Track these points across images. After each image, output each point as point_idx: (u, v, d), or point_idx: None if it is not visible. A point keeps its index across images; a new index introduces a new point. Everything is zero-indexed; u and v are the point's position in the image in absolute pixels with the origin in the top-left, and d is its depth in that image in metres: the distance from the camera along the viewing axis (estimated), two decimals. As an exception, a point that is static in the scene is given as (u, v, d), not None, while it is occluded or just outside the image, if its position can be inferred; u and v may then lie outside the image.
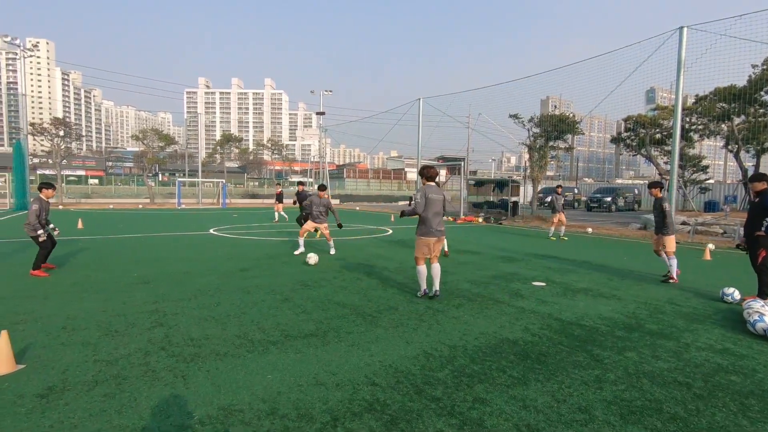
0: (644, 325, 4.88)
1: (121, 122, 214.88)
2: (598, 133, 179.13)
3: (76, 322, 4.61)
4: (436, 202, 5.63)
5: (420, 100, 26.64)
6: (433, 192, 5.66)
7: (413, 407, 2.93)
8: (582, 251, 11.16)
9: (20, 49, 27.53)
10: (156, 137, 38.60)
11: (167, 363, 3.58)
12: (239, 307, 5.29)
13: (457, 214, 23.19)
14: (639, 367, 3.69)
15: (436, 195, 5.66)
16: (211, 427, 2.64)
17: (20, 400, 2.93)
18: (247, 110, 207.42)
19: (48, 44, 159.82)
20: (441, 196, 5.72)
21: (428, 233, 5.64)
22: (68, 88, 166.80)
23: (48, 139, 32.88)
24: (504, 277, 7.46)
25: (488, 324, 4.82)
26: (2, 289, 6.06)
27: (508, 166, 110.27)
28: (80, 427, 2.61)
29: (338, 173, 67.10)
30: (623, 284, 7.11)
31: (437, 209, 5.65)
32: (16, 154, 25.24)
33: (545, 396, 3.12)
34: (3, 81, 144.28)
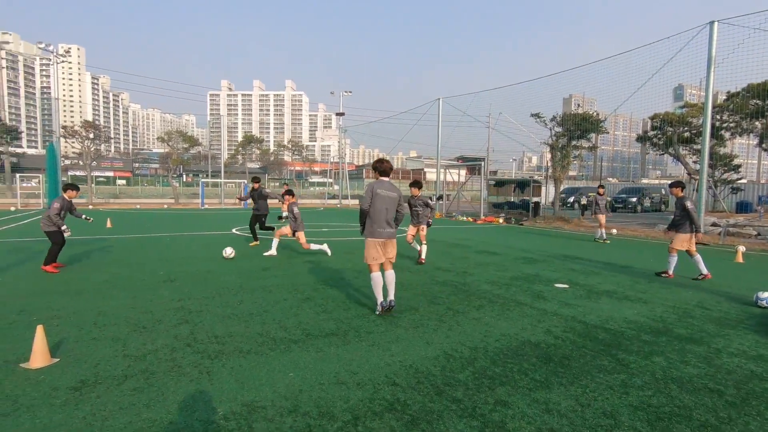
0: (672, 330, 4.74)
1: (147, 124, 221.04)
2: (623, 131, 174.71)
3: (106, 318, 4.77)
4: (386, 199, 5.02)
5: (440, 100, 26.53)
6: (384, 188, 5.06)
7: (434, 408, 2.92)
8: (606, 253, 10.91)
9: (53, 55, 28.64)
10: (180, 139, 39.54)
11: (193, 359, 3.67)
12: (261, 306, 5.38)
13: (478, 215, 22.97)
14: (667, 372, 3.59)
15: (385, 191, 5.05)
16: (235, 423, 2.69)
17: (55, 392, 3.05)
18: (268, 112, 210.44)
19: (79, 50, 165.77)
20: (393, 194, 5.10)
21: (375, 233, 5.02)
22: (98, 92, 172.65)
23: (79, 142, 34.09)
24: (525, 279, 7.36)
25: (509, 326, 4.76)
26: (37, 284, 6.32)
27: (530, 166, 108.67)
28: (111, 420, 2.70)
29: (357, 173, 67.40)
30: (650, 287, 6.92)
31: (386, 207, 5.03)
32: (49, 156, 26.24)
33: (569, 400, 3.07)
34: (37, 86, 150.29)
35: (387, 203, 5.04)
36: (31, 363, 3.46)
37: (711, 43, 13.54)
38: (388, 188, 5.08)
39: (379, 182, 5.10)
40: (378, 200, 5.00)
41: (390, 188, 5.10)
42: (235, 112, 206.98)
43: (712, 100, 14.39)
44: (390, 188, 5.10)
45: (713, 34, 13.50)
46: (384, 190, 5.04)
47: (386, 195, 5.04)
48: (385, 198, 5.03)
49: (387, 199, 5.04)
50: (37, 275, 7.01)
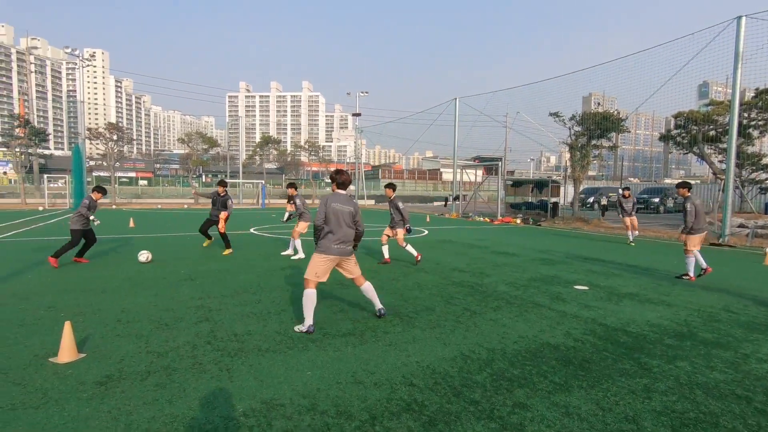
0: (697, 334, 4.61)
1: (168, 126, 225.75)
2: (644, 130, 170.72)
3: (129, 315, 4.89)
4: (340, 214, 4.68)
5: (456, 99, 26.38)
6: (339, 201, 4.70)
7: (451, 409, 2.91)
8: (627, 254, 10.68)
9: (79, 59, 29.53)
10: (200, 140, 40.30)
11: (213, 356, 3.74)
12: (279, 305, 5.44)
13: (494, 215, 22.76)
14: (692, 377, 3.50)
15: (340, 205, 4.69)
16: (255, 420, 2.73)
17: (82, 386, 3.15)
18: (285, 113, 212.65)
19: (103, 54, 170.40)
20: (349, 207, 4.75)
21: (324, 248, 4.65)
22: (121, 94, 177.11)
23: (103, 143, 35.06)
24: (544, 280, 7.26)
25: (528, 328, 4.71)
26: (65, 282, 6.52)
27: (548, 165, 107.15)
28: (135, 415, 2.77)
29: (373, 174, 67.52)
30: (673, 290, 6.75)
31: (340, 222, 4.67)
32: (75, 158, 27.05)
33: (589, 404, 3.01)
34: (64, 89, 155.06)
35: (341, 218, 4.68)
36: (59, 358, 3.58)
37: (738, 38, 13.12)
38: (343, 202, 4.73)
39: (335, 195, 4.77)
40: (333, 215, 4.67)
41: (345, 202, 4.75)
42: (253, 114, 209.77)
43: (740, 97, 13.93)
44: (345, 202, 4.75)
45: (741, 29, 13.08)
46: (339, 204, 4.69)
47: (340, 209, 4.70)
48: (339, 212, 4.68)
49: (341, 213, 4.69)
50: (63, 273, 7.23)
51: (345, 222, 4.70)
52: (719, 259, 10.20)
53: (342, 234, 4.70)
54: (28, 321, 4.63)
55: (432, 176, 69.80)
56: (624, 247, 12.16)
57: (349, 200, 4.80)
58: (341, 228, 4.68)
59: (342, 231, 4.69)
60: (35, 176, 43.77)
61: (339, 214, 4.68)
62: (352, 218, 4.79)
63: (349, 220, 4.73)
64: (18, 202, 30.28)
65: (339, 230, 4.68)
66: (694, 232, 7.55)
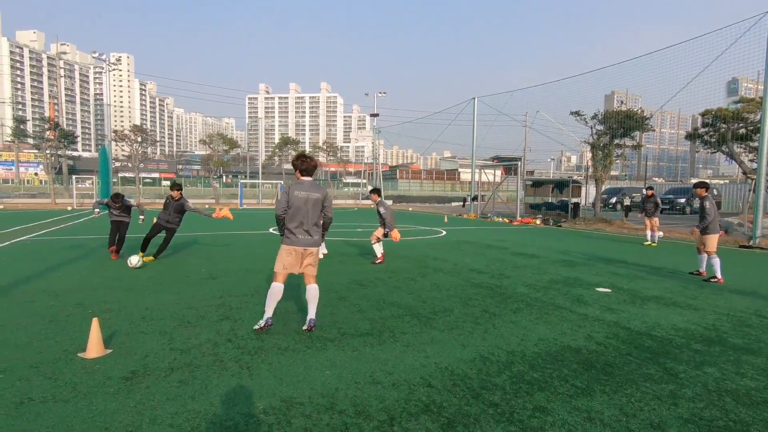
0: (726, 339, 4.46)
1: (189, 128, 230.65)
2: (670, 129, 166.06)
3: (153, 313, 5.02)
4: (305, 201, 4.35)
5: (475, 99, 26.17)
6: (303, 189, 4.38)
7: (470, 411, 2.89)
8: (652, 256, 10.40)
9: (105, 63, 30.43)
10: (221, 141, 41.03)
11: (234, 354, 3.80)
12: (298, 304, 5.49)
13: (514, 216, 22.48)
14: (721, 384, 3.38)
15: (304, 192, 4.36)
16: (274, 418, 2.77)
17: (109, 381, 3.24)
18: (304, 113, 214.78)
19: (128, 58, 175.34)
20: (316, 194, 4.39)
21: (290, 239, 4.38)
22: (145, 97, 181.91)
23: (128, 145, 36.04)
24: (565, 282, 7.14)
25: (548, 330, 4.63)
26: (93, 280, 6.73)
27: (568, 165, 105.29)
28: (159, 409, 2.84)
29: (391, 174, 67.53)
30: (701, 293, 6.54)
31: (306, 209, 4.36)
32: (102, 159, 27.89)
33: (612, 409, 2.95)
34: (91, 93, 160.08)
35: (308, 205, 4.37)
36: (88, 353, 3.70)
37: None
38: (308, 189, 4.39)
39: (298, 183, 4.44)
40: (296, 203, 4.35)
41: (311, 188, 4.41)
42: (272, 115, 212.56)
43: (772, 93, 13.39)
44: (311, 188, 4.41)
45: (773, 23, 12.59)
46: (303, 191, 4.36)
47: (306, 196, 4.36)
48: (304, 200, 4.36)
49: (308, 200, 4.36)
50: (91, 271, 7.47)
51: (311, 210, 4.38)
52: (750, 261, 9.84)
53: (308, 223, 4.38)
54: (59, 317, 4.79)
55: (450, 176, 69.42)
56: (648, 249, 11.85)
57: (315, 187, 4.47)
58: (307, 217, 4.37)
59: (308, 220, 4.38)
60: (64, 177, 45.32)
61: (304, 201, 4.36)
62: (320, 205, 4.46)
63: (315, 207, 4.41)
64: (48, 202, 31.40)
65: (305, 219, 4.37)
66: (712, 232, 7.47)
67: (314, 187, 4.46)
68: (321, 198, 4.46)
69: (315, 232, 4.46)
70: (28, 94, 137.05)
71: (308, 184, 4.46)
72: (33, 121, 57.45)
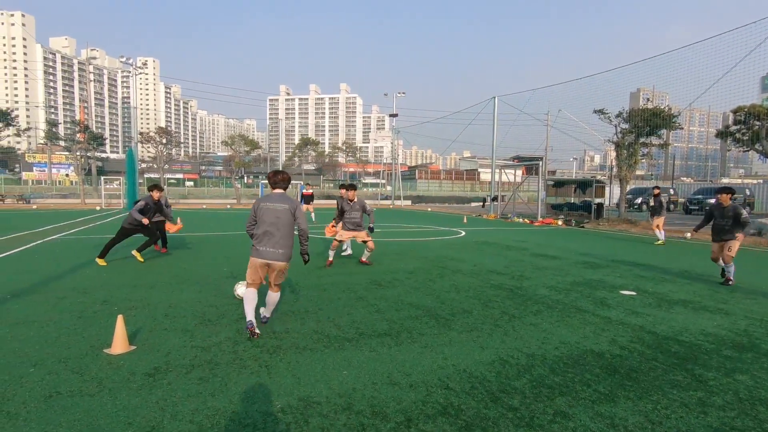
0: (760, 345, 4.27)
1: (212, 129, 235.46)
2: (698, 127, 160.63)
3: (176, 311, 5.13)
4: (273, 213, 4.28)
5: (495, 98, 25.87)
6: (271, 201, 4.33)
7: (489, 415, 2.84)
8: (680, 259, 10.07)
9: (132, 67, 31.35)
10: (242, 143, 41.75)
11: (253, 353, 3.85)
12: (316, 304, 5.53)
13: (535, 216, 22.13)
14: (753, 392, 3.24)
15: (272, 204, 4.31)
16: (292, 417, 2.78)
17: (132, 377, 3.33)
18: (324, 115, 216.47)
19: (154, 62, 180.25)
20: (284, 205, 4.31)
21: (256, 252, 4.32)
22: (170, 100, 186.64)
23: (153, 146, 37.05)
24: (587, 284, 6.97)
25: (570, 333, 4.53)
26: (119, 278, 6.93)
27: (591, 165, 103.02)
28: (180, 406, 2.89)
29: (410, 174, 67.39)
30: (732, 297, 6.29)
31: (273, 221, 4.27)
32: (129, 160, 28.72)
33: (637, 416, 2.86)
34: (119, 96, 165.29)
35: (276, 216, 4.29)
36: (113, 349, 3.80)
37: (808, 25, 12.07)
38: (276, 200, 4.33)
39: (268, 195, 4.43)
40: (265, 215, 4.29)
41: (280, 200, 4.34)
42: (292, 116, 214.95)
43: (809, 89, 12.80)
44: (280, 200, 4.34)
45: (811, 15, 12.02)
46: (271, 203, 4.32)
47: (273, 207, 4.30)
48: (272, 212, 4.29)
49: (276, 212, 4.29)
50: (117, 269, 7.69)
51: (281, 223, 4.29)
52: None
53: (277, 237, 4.27)
54: (86, 314, 4.95)
55: (469, 177, 68.83)
56: (675, 251, 11.48)
57: (284, 199, 4.39)
58: (275, 229, 4.27)
59: (276, 233, 4.27)
60: (93, 178, 46.88)
61: (271, 214, 4.29)
62: (290, 216, 4.34)
63: (284, 218, 4.30)
64: (78, 202, 32.54)
65: (272, 232, 4.27)
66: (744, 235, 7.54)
67: (283, 199, 4.38)
68: (290, 209, 4.35)
69: (284, 246, 4.31)
70: (60, 98, 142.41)
71: (277, 196, 4.40)
72: (64, 124, 59.66)
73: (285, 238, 4.33)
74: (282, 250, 4.33)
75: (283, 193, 4.46)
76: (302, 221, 4.45)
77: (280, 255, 4.32)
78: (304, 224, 4.47)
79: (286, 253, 4.36)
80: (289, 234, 4.37)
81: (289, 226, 4.35)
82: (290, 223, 4.36)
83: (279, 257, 4.32)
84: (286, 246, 4.35)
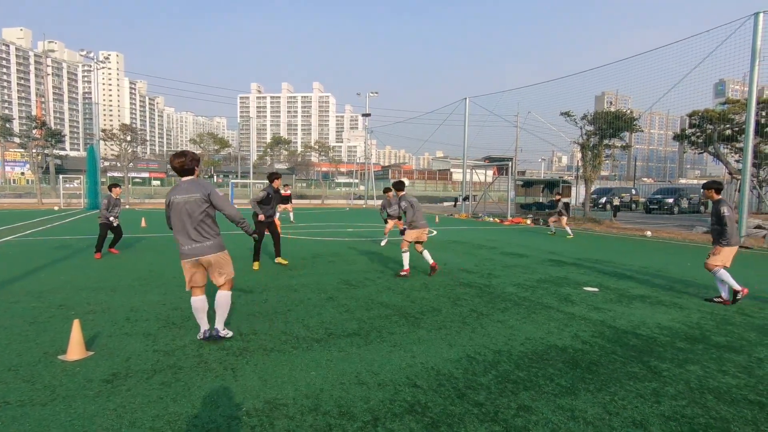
0: (710, 337, 4.51)
1: (180, 127, 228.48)
2: (658, 129, 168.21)
3: (138, 314, 4.95)
4: (183, 205, 3.77)
5: (466, 99, 26.25)
6: (180, 191, 3.80)
7: (455, 411, 2.88)
8: (640, 256, 10.50)
9: (94, 61, 30.03)
10: (211, 141, 40.75)
11: (218, 356, 3.76)
12: (285, 305, 5.46)
13: (505, 216, 22.60)
14: (703, 382, 3.42)
15: (182, 195, 3.78)
16: (257, 419, 2.74)
17: (89, 384, 3.19)
18: (296, 113, 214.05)
19: (118, 56, 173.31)
20: (195, 194, 3.77)
21: (182, 253, 3.85)
22: (135, 96, 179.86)
23: (117, 144, 35.63)
24: (553, 281, 7.18)
25: (535, 329, 4.65)
26: (78, 281, 6.63)
27: (559, 165, 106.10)
28: (140, 412, 2.79)
29: (383, 174, 67.50)
30: (686, 292, 6.62)
31: (187, 213, 3.77)
32: (90, 158, 27.52)
33: (596, 407, 2.96)
34: (80, 91, 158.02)
35: (188, 208, 3.76)
36: (68, 355, 3.63)
37: (756, 35, 12.83)
38: (185, 191, 3.81)
39: (176, 186, 3.90)
40: (175, 210, 3.82)
41: (190, 188, 3.81)
42: (264, 114, 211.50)
43: (757, 95, 13.62)
44: (190, 188, 3.81)
45: (758, 25, 12.79)
46: (181, 194, 3.80)
47: (184, 200, 3.77)
48: (182, 204, 3.77)
49: (187, 203, 3.76)
50: (76, 271, 7.35)
51: (195, 214, 3.78)
52: (735, 260, 9.96)
53: (194, 230, 3.79)
54: (40, 319, 4.71)
55: (442, 176, 69.58)
56: (636, 249, 11.97)
57: (195, 185, 3.83)
58: (190, 222, 3.78)
59: (191, 225, 3.78)
60: (51, 177, 44.65)
61: (182, 206, 3.78)
62: (204, 204, 3.80)
63: (198, 208, 3.78)
64: (35, 202, 30.91)
65: (188, 225, 3.78)
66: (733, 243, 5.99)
67: (194, 186, 3.82)
68: (202, 196, 3.79)
69: (206, 237, 3.83)
70: (15, 92, 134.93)
71: (187, 183, 3.85)
72: (19, 119, 56.60)
73: (205, 229, 3.83)
74: (207, 242, 3.83)
75: (193, 179, 3.88)
76: (226, 206, 3.92)
77: (206, 248, 3.83)
78: (229, 209, 3.94)
79: (213, 244, 3.87)
80: (210, 223, 3.88)
81: (205, 215, 3.83)
82: (206, 211, 3.83)
83: (204, 250, 3.82)
84: (210, 235, 3.86)
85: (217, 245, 3.91)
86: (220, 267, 3.95)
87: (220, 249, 3.93)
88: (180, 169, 3.82)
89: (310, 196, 47.95)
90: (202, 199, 3.79)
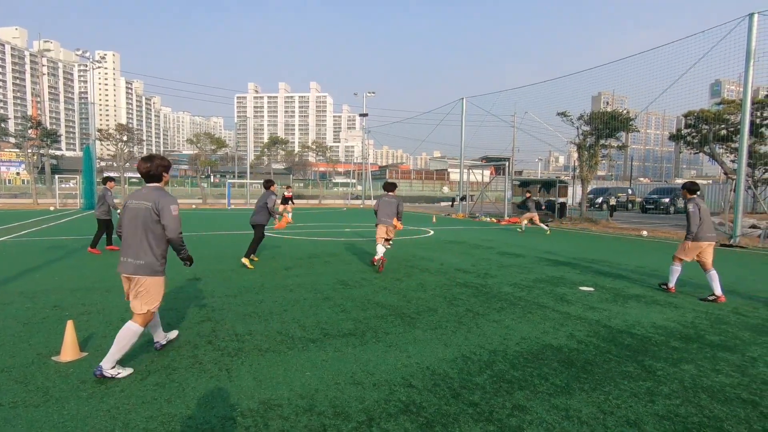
0: (704, 336, 4.53)
1: (177, 127, 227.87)
2: (655, 130, 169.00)
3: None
4: (132, 212, 3.40)
5: (463, 99, 26.28)
6: (136, 198, 3.43)
7: (450, 411, 2.88)
8: (636, 255, 10.54)
9: (90, 61, 29.91)
10: (208, 141, 40.58)
11: (213, 356, 3.75)
12: (281, 305, 5.45)
13: (501, 216, 22.64)
14: (697, 381, 3.43)
15: (136, 202, 3.41)
16: (252, 420, 2.73)
17: (83, 385, 3.17)
18: (294, 113, 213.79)
19: (114, 56, 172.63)
20: (147, 203, 3.35)
21: (118, 264, 3.47)
22: (131, 96, 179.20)
23: (113, 144, 35.48)
24: (549, 281, 7.20)
25: (531, 329, 4.66)
26: (72, 282, 6.60)
27: (556, 165, 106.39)
28: (134, 414, 2.78)
29: (381, 174, 67.48)
30: (681, 291, 6.64)
31: (131, 224, 3.39)
32: (86, 158, 27.42)
33: (590, 407, 2.97)
34: (76, 91, 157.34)
35: (134, 217, 3.38)
36: (62, 356, 3.61)
37: (750, 35, 12.90)
38: (140, 197, 3.42)
39: (135, 192, 3.57)
40: (124, 216, 3.45)
41: (146, 196, 3.40)
42: (261, 114, 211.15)
43: (752, 95, 13.70)
44: (146, 196, 3.40)
45: (753, 26, 12.86)
46: (136, 200, 3.42)
47: (135, 207, 3.39)
48: (131, 210, 3.41)
49: (135, 210, 3.39)
50: (71, 272, 7.32)
51: (138, 224, 3.36)
52: (730, 260, 10.03)
53: (132, 242, 3.37)
54: (34, 320, 4.68)
55: (439, 176, 69.62)
56: (632, 248, 12.01)
57: (152, 193, 3.40)
58: (132, 233, 3.38)
59: (132, 238, 3.37)
60: (47, 177, 44.39)
61: (130, 213, 3.41)
62: (151, 216, 3.34)
63: (144, 220, 3.35)
64: (30, 203, 30.74)
65: (130, 237, 3.38)
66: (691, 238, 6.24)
67: (149, 195, 3.38)
68: (152, 208, 3.33)
69: (140, 257, 3.35)
70: (10, 92, 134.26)
71: (145, 190, 3.46)
72: (15, 119, 56.30)
73: (142, 244, 3.35)
74: (138, 261, 3.34)
75: (156, 186, 3.48)
76: (170, 225, 3.36)
77: (138, 266, 3.34)
78: (171, 230, 3.38)
79: (146, 265, 3.35)
80: (154, 240, 3.38)
81: (149, 229, 3.36)
82: (151, 225, 3.36)
83: (135, 269, 3.34)
84: (144, 254, 3.35)
85: (150, 267, 3.37)
86: (142, 294, 3.38)
87: (152, 273, 3.39)
88: (145, 174, 3.47)
89: (308, 196, 47.89)
90: (152, 210, 3.35)
